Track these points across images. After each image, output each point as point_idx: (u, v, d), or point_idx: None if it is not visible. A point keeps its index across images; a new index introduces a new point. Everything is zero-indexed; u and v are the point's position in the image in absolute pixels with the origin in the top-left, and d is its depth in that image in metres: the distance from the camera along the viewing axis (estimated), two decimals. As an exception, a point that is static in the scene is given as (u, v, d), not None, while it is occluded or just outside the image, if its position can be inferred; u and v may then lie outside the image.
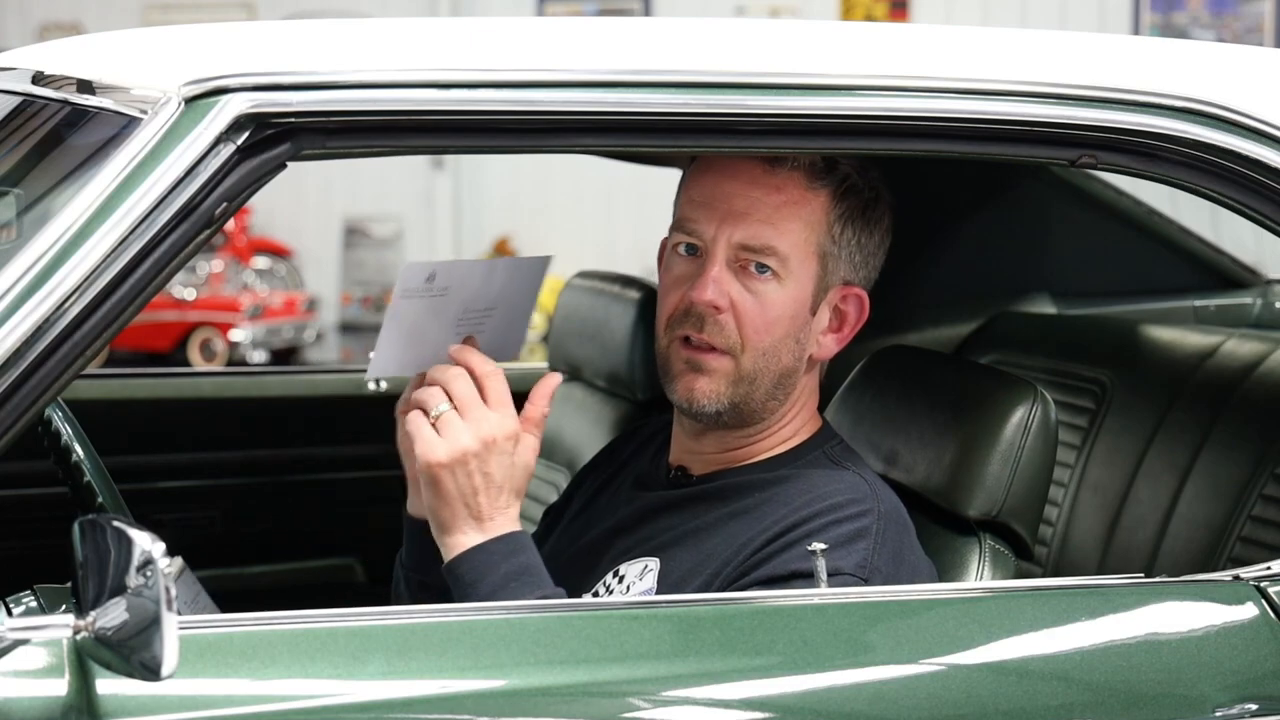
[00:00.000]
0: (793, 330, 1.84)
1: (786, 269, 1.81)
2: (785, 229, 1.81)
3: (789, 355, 1.84)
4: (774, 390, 1.85)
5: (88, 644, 1.39)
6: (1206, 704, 1.65)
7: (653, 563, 1.83)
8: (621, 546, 1.88)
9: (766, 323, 1.82)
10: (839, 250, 1.85)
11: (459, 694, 1.50)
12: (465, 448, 1.71)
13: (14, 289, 1.45)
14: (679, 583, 1.79)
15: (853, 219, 1.85)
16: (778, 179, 1.82)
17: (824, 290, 1.86)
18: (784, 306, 1.82)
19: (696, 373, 1.83)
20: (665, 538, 1.85)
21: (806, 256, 1.83)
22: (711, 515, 1.84)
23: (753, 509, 1.81)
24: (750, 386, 1.83)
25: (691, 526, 1.84)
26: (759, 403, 1.85)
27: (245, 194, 1.54)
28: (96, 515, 1.43)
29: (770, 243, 1.81)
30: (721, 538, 1.80)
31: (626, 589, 1.83)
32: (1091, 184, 2.88)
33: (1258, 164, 1.79)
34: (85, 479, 2.02)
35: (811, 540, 1.72)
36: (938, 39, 1.87)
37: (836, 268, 1.86)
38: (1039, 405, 1.88)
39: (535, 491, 2.85)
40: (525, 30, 1.74)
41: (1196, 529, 2.32)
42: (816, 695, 1.57)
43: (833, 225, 1.84)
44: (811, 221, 1.83)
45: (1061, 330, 2.85)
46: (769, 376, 1.84)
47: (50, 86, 1.80)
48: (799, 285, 1.83)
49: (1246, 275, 3.06)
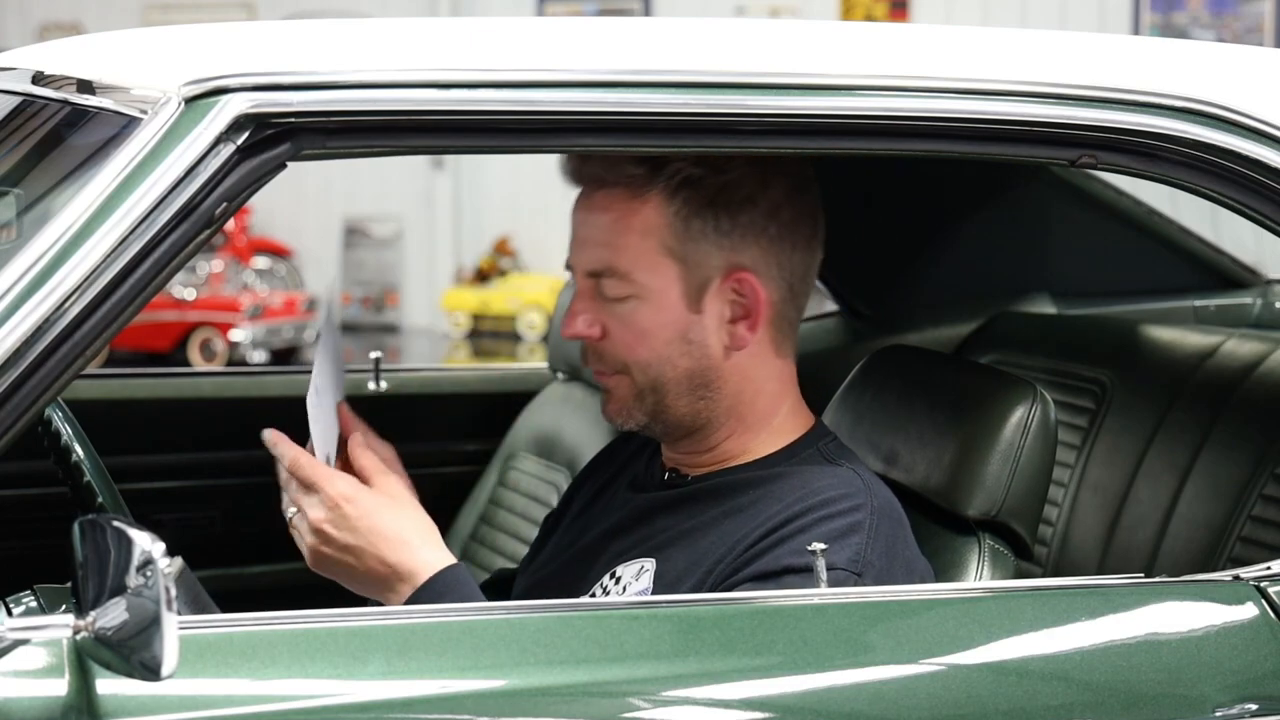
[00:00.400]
0: (674, 335, 1.82)
1: (635, 282, 1.81)
2: (620, 245, 1.81)
3: (684, 358, 1.83)
4: (692, 392, 1.84)
5: (88, 644, 1.39)
6: (1206, 704, 1.66)
7: (649, 563, 1.83)
8: (617, 548, 1.88)
9: (636, 338, 1.82)
10: (695, 244, 1.81)
11: (459, 694, 1.50)
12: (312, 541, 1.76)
13: (14, 289, 1.45)
14: (674, 582, 1.79)
15: (698, 210, 1.81)
16: (602, 199, 1.82)
17: (701, 286, 1.82)
18: (650, 317, 1.81)
19: (607, 395, 1.87)
20: (661, 538, 1.85)
21: (655, 263, 1.81)
22: (706, 515, 1.83)
23: (746, 507, 1.81)
24: (658, 397, 1.84)
25: (686, 527, 1.84)
26: (685, 409, 1.85)
27: (245, 194, 1.54)
28: (96, 515, 1.43)
29: (609, 263, 1.81)
30: (716, 536, 1.80)
31: (623, 590, 1.83)
32: (1091, 184, 2.88)
33: (1258, 164, 1.79)
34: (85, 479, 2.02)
35: (805, 535, 1.72)
36: (938, 39, 1.87)
37: (704, 260, 1.82)
38: (1038, 405, 1.88)
39: (535, 491, 2.86)
40: (525, 30, 1.74)
41: (1196, 529, 2.32)
42: (816, 695, 1.57)
43: (674, 224, 1.80)
44: (646, 228, 1.80)
45: (1061, 330, 2.85)
46: (673, 384, 1.83)
47: (50, 86, 1.80)
48: (660, 292, 1.81)
49: (1246, 275, 3.06)
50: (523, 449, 2.94)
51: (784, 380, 1.90)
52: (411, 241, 12.70)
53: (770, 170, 1.84)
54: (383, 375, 2.98)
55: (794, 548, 1.72)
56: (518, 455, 2.94)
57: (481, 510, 2.95)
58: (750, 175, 1.83)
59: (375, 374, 2.97)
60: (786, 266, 1.86)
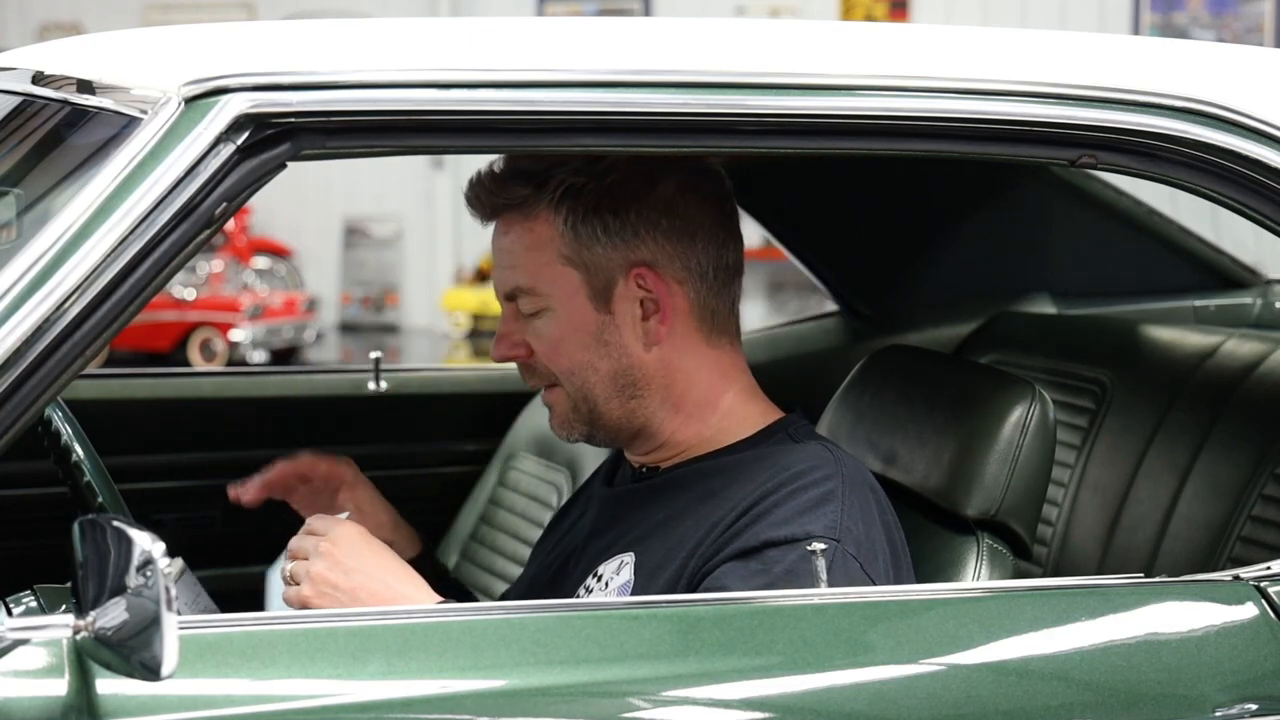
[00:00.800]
0: (589, 340, 1.86)
1: (542, 296, 1.86)
2: (520, 263, 1.86)
3: (604, 360, 1.86)
4: (620, 394, 1.87)
5: (88, 644, 1.39)
6: (1206, 704, 1.65)
7: (628, 557, 1.84)
8: (597, 547, 1.90)
9: (554, 349, 1.86)
10: (589, 248, 1.85)
11: (459, 694, 1.50)
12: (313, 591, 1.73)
13: (14, 289, 1.45)
14: (655, 571, 1.80)
15: (585, 216, 1.84)
16: (502, 224, 1.88)
17: (606, 287, 1.85)
18: (561, 327, 1.86)
19: (549, 410, 1.92)
20: (638, 531, 1.86)
21: (555, 273, 1.85)
22: (680, 502, 1.85)
23: (719, 490, 1.82)
24: (589, 404, 1.88)
25: (661, 517, 1.85)
26: (618, 411, 1.88)
27: (245, 194, 1.54)
28: (96, 515, 1.43)
29: (516, 283, 1.87)
30: (691, 522, 1.81)
31: (605, 586, 1.84)
32: (1091, 184, 2.88)
33: (1258, 164, 1.79)
34: (85, 479, 2.02)
35: (780, 509, 1.73)
36: (938, 39, 1.87)
37: (603, 262, 1.85)
38: (1037, 404, 1.88)
39: (534, 491, 2.85)
40: (525, 30, 1.74)
41: (1196, 529, 2.32)
42: (816, 695, 1.57)
43: (565, 233, 1.85)
44: (540, 243, 1.85)
45: (1061, 330, 2.85)
46: (599, 387, 1.87)
47: (50, 86, 1.80)
48: (566, 300, 1.85)
49: (1246, 275, 3.06)
50: (523, 449, 2.94)
51: (723, 368, 1.91)
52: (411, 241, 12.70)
53: (658, 168, 1.87)
54: (383, 375, 2.98)
55: (771, 522, 1.73)
56: (518, 455, 2.94)
57: (481, 510, 2.95)
58: (635, 175, 1.86)
59: (375, 374, 2.97)
60: (692, 257, 1.88)
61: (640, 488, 1.92)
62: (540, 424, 2.93)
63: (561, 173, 1.84)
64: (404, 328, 12.68)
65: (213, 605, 1.99)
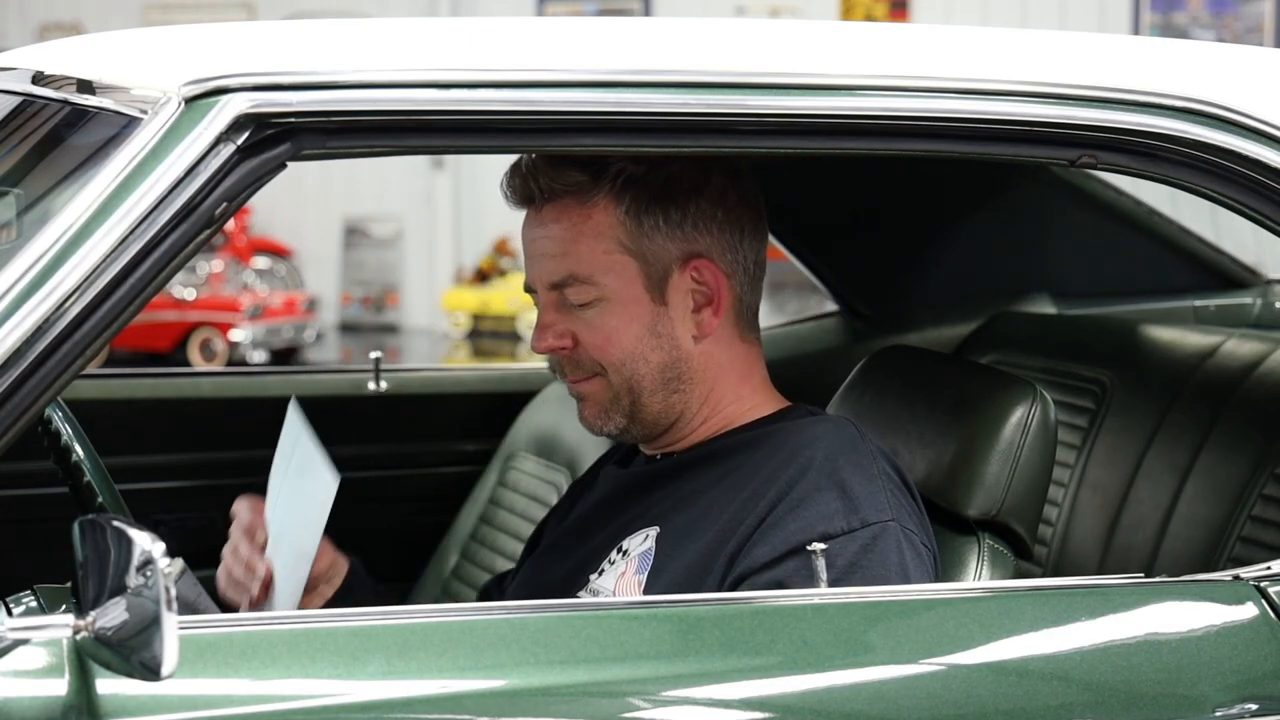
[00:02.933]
0: (643, 331, 1.85)
1: (598, 285, 1.84)
2: (576, 253, 1.84)
3: (656, 352, 1.86)
4: (665, 386, 1.87)
5: (88, 644, 1.39)
6: (1206, 704, 1.65)
7: (651, 531, 1.85)
8: (617, 525, 1.90)
9: (606, 339, 1.85)
10: (649, 238, 1.85)
11: (459, 694, 1.50)
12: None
13: (14, 289, 1.45)
14: (678, 542, 1.81)
15: (646, 206, 1.85)
16: (551, 211, 1.86)
17: (661, 279, 1.86)
18: (617, 318, 1.85)
19: (582, 402, 1.90)
20: (662, 506, 1.87)
21: (614, 263, 1.84)
22: (705, 477, 1.86)
23: (744, 463, 1.84)
24: (633, 396, 1.87)
25: (685, 492, 1.86)
26: (660, 404, 1.88)
27: (245, 194, 1.54)
28: (96, 515, 1.43)
29: (569, 271, 1.85)
30: (718, 493, 1.82)
31: (625, 557, 1.85)
32: (1091, 184, 2.88)
33: (1258, 164, 1.79)
34: (85, 479, 2.02)
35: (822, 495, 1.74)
36: (938, 39, 1.87)
37: (660, 253, 1.86)
38: (1038, 405, 1.88)
39: (535, 491, 2.85)
40: (525, 30, 1.74)
41: (1196, 529, 2.32)
42: (816, 695, 1.57)
43: (626, 222, 1.84)
44: (600, 231, 1.84)
45: (1061, 330, 2.85)
46: (648, 379, 1.86)
47: (50, 86, 1.80)
48: (623, 291, 1.85)
49: (1246, 275, 3.06)
50: (523, 449, 2.94)
51: (750, 363, 1.93)
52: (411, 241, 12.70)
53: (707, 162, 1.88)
54: (383, 375, 2.98)
55: (823, 512, 1.74)
56: (518, 455, 2.94)
57: (481, 510, 2.95)
58: (690, 167, 1.87)
59: (375, 374, 2.97)
60: (740, 250, 1.90)
61: (657, 469, 1.93)
62: (540, 424, 2.93)
63: (620, 161, 1.84)
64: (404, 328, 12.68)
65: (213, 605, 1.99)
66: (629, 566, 1.84)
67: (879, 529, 1.74)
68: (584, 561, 1.91)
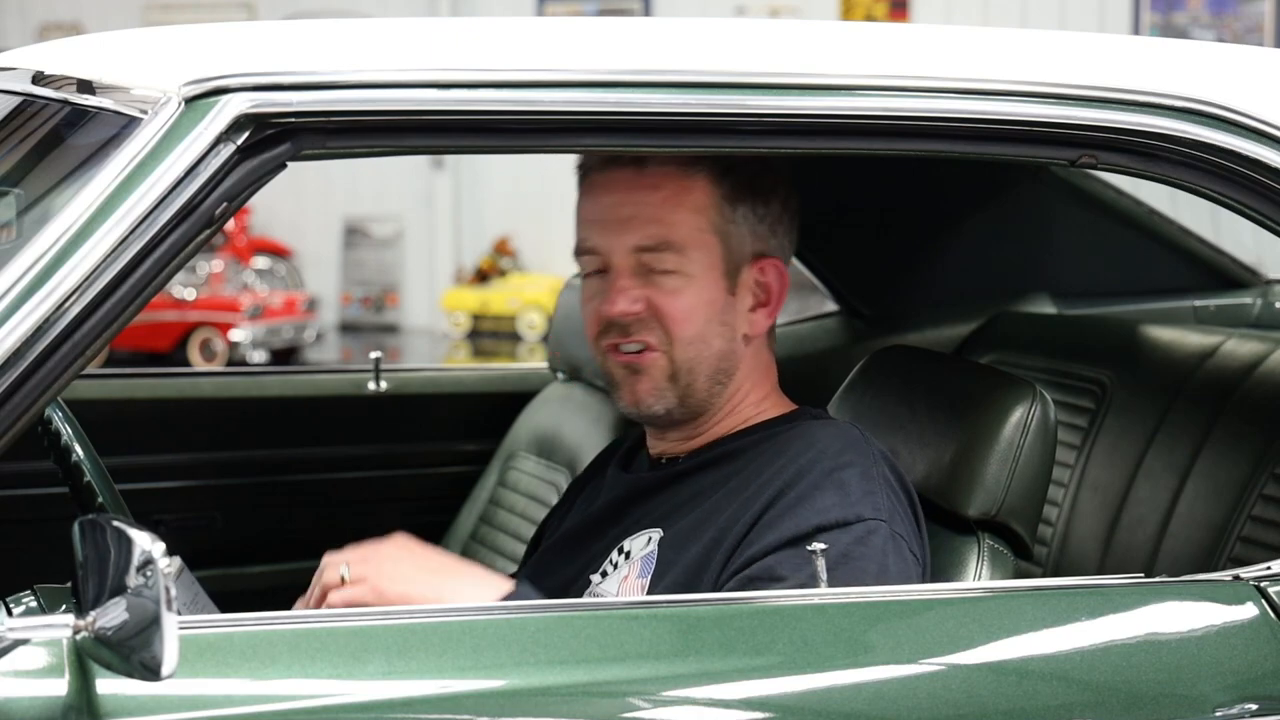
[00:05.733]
0: (714, 314, 1.86)
1: (687, 258, 1.84)
2: (673, 221, 1.84)
3: (719, 339, 1.87)
4: (715, 376, 1.88)
5: (88, 644, 1.39)
6: (1206, 704, 1.65)
7: (654, 534, 1.85)
8: (620, 527, 1.90)
9: (684, 313, 1.85)
10: (737, 226, 1.87)
11: (459, 694, 1.50)
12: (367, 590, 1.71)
13: (14, 289, 1.45)
14: (681, 544, 1.81)
15: (741, 193, 1.87)
16: (651, 178, 1.85)
17: (737, 269, 1.88)
18: (697, 294, 1.85)
19: (635, 375, 1.87)
20: (663, 509, 1.87)
21: (704, 240, 1.85)
22: (706, 480, 1.87)
23: (746, 466, 1.84)
24: (690, 377, 1.86)
25: (688, 495, 1.87)
26: (704, 391, 1.88)
27: (245, 194, 1.54)
28: (96, 515, 1.43)
29: (664, 237, 1.84)
30: (721, 496, 1.83)
31: (627, 558, 1.85)
32: (1091, 184, 2.88)
33: (1258, 164, 1.79)
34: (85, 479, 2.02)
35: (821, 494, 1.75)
36: (938, 39, 1.87)
37: (741, 244, 1.88)
38: (1038, 405, 1.88)
39: (535, 491, 2.85)
40: (525, 30, 1.74)
41: (1196, 529, 2.32)
42: (816, 695, 1.57)
43: (721, 204, 1.86)
44: (698, 206, 1.85)
45: (1061, 330, 2.85)
46: (706, 364, 1.86)
47: (50, 86, 1.80)
48: (705, 270, 1.85)
49: (1246, 275, 3.06)
50: (523, 449, 2.94)
51: (770, 370, 1.95)
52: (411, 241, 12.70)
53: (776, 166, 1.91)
54: (383, 375, 2.98)
55: (819, 506, 1.75)
56: (518, 455, 2.94)
57: (481, 510, 2.95)
58: (771, 168, 1.90)
59: (375, 374, 2.97)
60: (789, 256, 1.93)
61: (663, 475, 1.93)
62: (540, 424, 2.94)
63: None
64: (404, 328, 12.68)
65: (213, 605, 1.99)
66: (631, 570, 1.84)
67: (873, 525, 1.75)
68: (585, 563, 1.91)
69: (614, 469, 2.03)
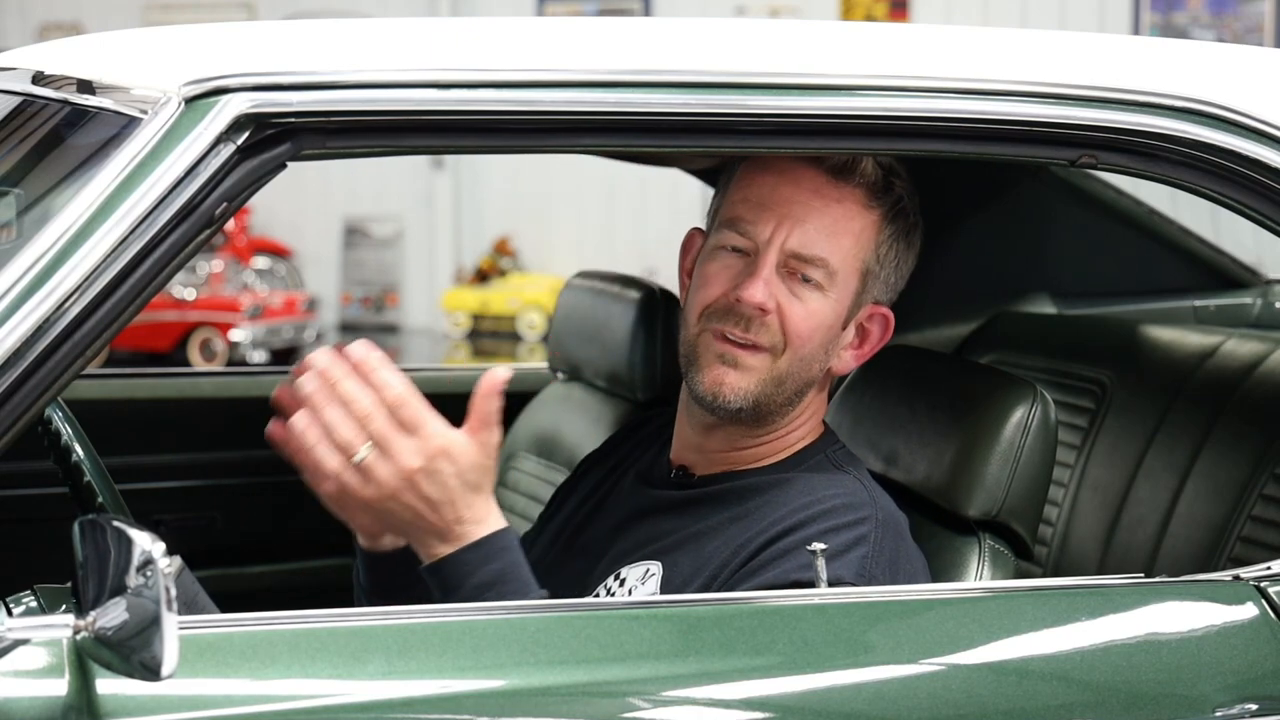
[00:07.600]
0: (826, 341, 1.86)
1: (832, 282, 1.84)
2: (838, 243, 1.84)
3: (817, 364, 1.87)
4: (795, 395, 1.87)
5: (88, 644, 1.39)
6: (1206, 704, 1.65)
7: (655, 567, 1.83)
8: (621, 547, 1.88)
9: (809, 329, 1.84)
10: (880, 270, 1.88)
11: (459, 694, 1.50)
12: (392, 486, 1.62)
13: (14, 289, 1.45)
14: (680, 588, 1.80)
15: (897, 241, 1.88)
16: (840, 191, 1.84)
17: (858, 307, 1.89)
18: (824, 316, 1.84)
19: (729, 367, 1.83)
20: (667, 541, 1.85)
21: (851, 272, 1.85)
22: (713, 519, 1.84)
23: (752, 511, 1.82)
24: (778, 388, 1.84)
25: (693, 531, 1.84)
26: (779, 406, 1.86)
27: (245, 194, 1.54)
28: (96, 515, 1.43)
29: (823, 254, 1.83)
30: (721, 540, 1.81)
31: (629, 593, 1.83)
32: (1091, 184, 2.88)
33: (1258, 164, 1.79)
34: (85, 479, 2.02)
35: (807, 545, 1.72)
36: (938, 39, 1.87)
37: (874, 286, 1.89)
38: (1038, 405, 1.88)
39: (534, 491, 2.85)
40: (525, 30, 1.74)
41: (1196, 529, 2.32)
42: (816, 695, 1.57)
43: (880, 245, 1.87)
44: (862, 239, 1.85)
45: (1061, 330, 2.85)
46: (797, 381, 1.85)
47: (50, 86, 1.80)
48: (840, 299, 1.85)
49: (1246, 275, 3.06)
50: (522, 449, 2.93)
51: (824, 406, 1.95)
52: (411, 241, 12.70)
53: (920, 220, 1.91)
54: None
55: (802, 562, 1.72)
56: (517, 455, 2.94)
57: (481, 510, 2.94)
58: (920, 223, 1.90)
59: (375, 374, 2.96)
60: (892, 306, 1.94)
61: (675, 496, 1.91)
62: (540, 424, 2.93)
63: (901, 186, 1.87)
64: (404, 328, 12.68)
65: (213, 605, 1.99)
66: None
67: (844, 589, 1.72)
68: (584, 576, 1.89)
69: (630, 480, 2.00)
